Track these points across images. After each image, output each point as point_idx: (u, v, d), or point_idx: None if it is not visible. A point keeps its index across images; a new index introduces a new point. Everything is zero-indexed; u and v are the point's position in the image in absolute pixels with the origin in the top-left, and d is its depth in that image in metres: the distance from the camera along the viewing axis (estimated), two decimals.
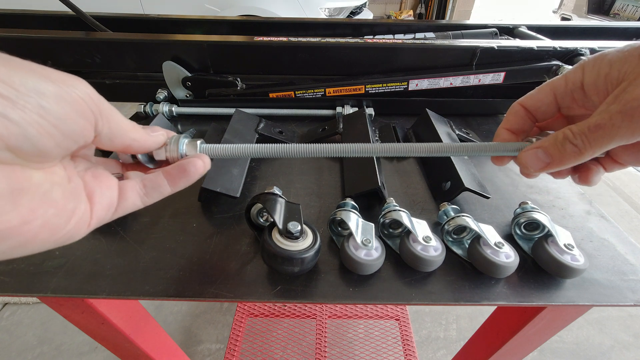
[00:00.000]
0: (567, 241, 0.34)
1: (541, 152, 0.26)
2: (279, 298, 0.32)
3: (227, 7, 2.59)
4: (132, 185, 0.24)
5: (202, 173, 0.26)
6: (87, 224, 0.21)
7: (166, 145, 0.26)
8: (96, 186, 0.22)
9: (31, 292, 0.32)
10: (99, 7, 1.02)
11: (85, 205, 0.20)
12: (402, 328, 1.02)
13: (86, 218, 0.20)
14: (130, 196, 0.24)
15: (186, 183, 0.26)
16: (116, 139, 0.22)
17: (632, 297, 0.33)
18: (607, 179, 2.06)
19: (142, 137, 0.24)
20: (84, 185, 0.21)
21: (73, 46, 0.59)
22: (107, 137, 0.21)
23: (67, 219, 0.19)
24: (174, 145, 0.27)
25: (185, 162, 0.25)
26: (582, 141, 0.24)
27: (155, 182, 0.25)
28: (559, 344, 1.18)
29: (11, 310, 1.26)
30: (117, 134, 0.22)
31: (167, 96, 0.64)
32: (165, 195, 0.25)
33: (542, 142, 0.26)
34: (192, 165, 0.25)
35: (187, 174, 0.25)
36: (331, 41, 0.59)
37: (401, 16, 4.86)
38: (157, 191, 0.25)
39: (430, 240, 0.34)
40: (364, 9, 3.16)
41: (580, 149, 0.24)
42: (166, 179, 0.25)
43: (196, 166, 0.26)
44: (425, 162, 0.53)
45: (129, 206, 0.24)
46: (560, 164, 0.26)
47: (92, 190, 0.21)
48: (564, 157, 0.25)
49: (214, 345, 1.16)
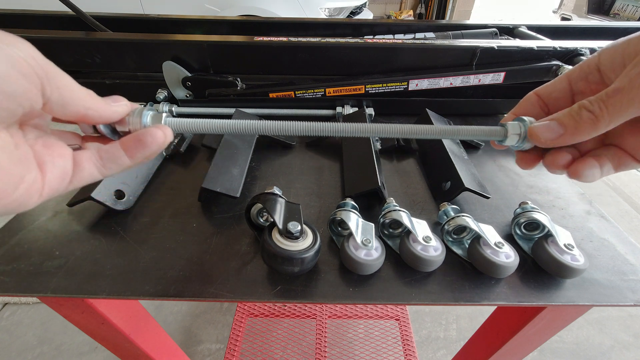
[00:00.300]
0: (567, 241, 0.34)
1: (555, 123, 0.25)
2: (279, 298, 0.32)
3: (227, 7, 2.59)
4: (88, 156, 0.23)
5: (162, 145, 0.25)
6: (38, 193, 0.20)
7: (128, 116, 0.25)
8: (47, 155, 0.21)
9: (31, 292, 0.32)
10: (99, 7, 1.02)
11: (35, 173, 0.20)
12: (402, 328, 1.02)
13: (37, 186, 0.20)
14: (86, 167, 0.23)
15: (144, 154, 0.24)
16: (70, 107, 0.21)
17: (632, 297, 0.33)
18: (607, 179, 2.05)
19: (100, 106, 0.23)
20: (34, 154, 0.20)
21: (73, 46, 0.59)
22: (58, 104, 0.20)
23: (14, 186, 0.19)
24: (137, 117, 0.25)
25: (142, 132, 0.24)
26: (599, 107, 0.22)
27: (112, 153, 0.24)
28: (559, 344, 1.18)
29: (11, 310, 1.26)
30: (70, 101, 0.21)
31: (167, 96, 0.64)
32: (124, 166, 0.24)
33: (556, 115, 0.25)
34: (150, 136, 0.24)
35: (143, 145, 0.24)
36: (331, 41, 0.59)
37: (401, 16, 4.86)
38: (115, 162, 0.24)
39: (430, 240, 0.34)
40: (364, 9, 3.16)
41: (597, 116, 0.22)
42: (123, 149, 0.24)
43: (154, 136, 0.24)
44: (425, 162, 0.53)
45: (86, 177, 0.23)
46: (574, 134, 0.24)
47: (42, 159, 0.21)
48: (579, 125, 0.23)
49: (214, 345, 1.16)
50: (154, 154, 0.25)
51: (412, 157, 0.54)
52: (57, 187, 0.21)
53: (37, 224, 0.40)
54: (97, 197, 0.38)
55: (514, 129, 0.27)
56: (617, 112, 0.22)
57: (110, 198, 0.40)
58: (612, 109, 0.22)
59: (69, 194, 0.44)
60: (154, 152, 0.25)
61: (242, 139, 0.51)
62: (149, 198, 0.44)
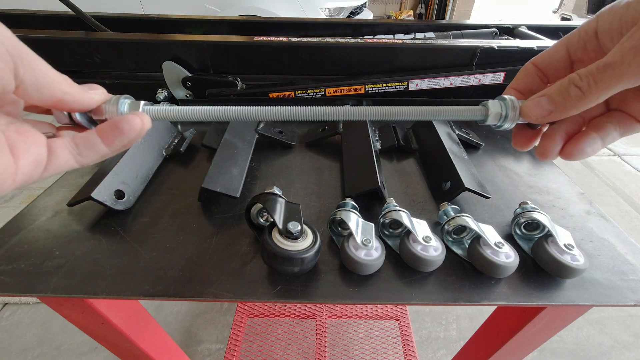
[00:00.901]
0: (567, 241, 0.34)
1: (545, 99, 0.24)
2: (279, 298, 0.32)
3: (227, 7, 2.59)
4: (63, 143, 0.22)
5: (140, 132, 0.24)
6: (11, 179, 0.20)
7: (105, 104, 0.25)
8: (20, 141, 0.20)
9: (31, 292, 0.32)
10: (99, 7, 1.02)
11: (7, 158, 0.20)
12: (402, 328, 1.02)
13: (10, 172, 0.20)
14: (62, 154, 0.22)
15: (122, 142, 0.24)
16: (44, 90, 0.20)
17: (632, 297, 0.33)
18: (607, 179, 2.06)
19: (77, 91, 0.23)
20: (6, 140, 0.20)
21: (73, 46, 0.59)
22: (33, 87, 0.20)
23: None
24: (114, 106, 0.25)
25: (119, 118, 0.24)
26: (587, 83, 0.22)
27: (88, 140, 0.23)
28: (559, 344, 1.18)
29: (11, 310, 1.26)
30: (45, 84, 0.20)
31: (167, 96, 0.64)
32: (102, 155, 0.24)
33: (548, 90, 0.25)
34: (127, 123, 0.23)
35: (120, 132, 0.23)
36: (331, 41, 0.59)
37: (401, 16, 4.86)
38: (92, 150, 0.23)
39: (430, 240, 0.34)
40: (364, 9, 3.16)
41: (584, 92, 0.22)
42: (100, 137, 0.23)
43: (131, 124, 0.23)
44: (425, 162, 0.53)
45: (62, 164, 0.22)
46: (563, 111, 0.24)
47: (15, 145, 0.20)
48: (567, 102, 0.23)
49: (214, 345, 1.16)
50: (132, 142, 0.24)
51: (412, 157, 0.54)
52: (31, 173, 0.21)
53: (37, 224, 0.40)
54: (97, 197, 0.38)
55: (494, 108, 0.27)
56: (605, 88, 0.22)
57: (110, 198, 0.40)
58: (601, 84, 0.22)
59: (69, 194, 0.44)
60: (131, 139, 0.24)
61: (242, 139, 0.51)
62: (149, 198, 0.44)
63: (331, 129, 0.56)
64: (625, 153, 2.36)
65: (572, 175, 2.09)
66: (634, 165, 2.21)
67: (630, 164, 2.23)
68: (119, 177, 0.42)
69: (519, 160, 0.54)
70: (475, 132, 0.60)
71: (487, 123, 0.28)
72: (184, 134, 0.56)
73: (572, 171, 2.14)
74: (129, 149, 0.46)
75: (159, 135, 0.53)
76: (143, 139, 0.49)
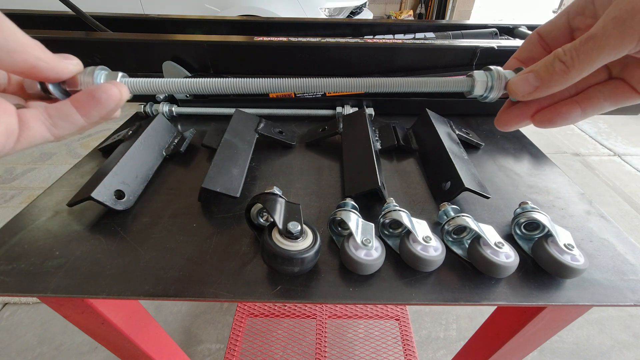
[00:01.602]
0: (567, 241, 0.34)
1: (531, 75, 0.24)
2: (279, 298, 0.32)
3: (227, 7, 2.59)
4: (35, 114, 0.21)
5: (118, 102, 0.23)
6: None
7: (80, 75, 0.24)
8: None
9: (31, 292, 0.32)
10: (99, 7, 1.02)
11: None
12: (402, 328, 1.02)
13: None
14: (34, 125, 0.21)
15: (100, 112, 0.23)
16: (17, 54, 0.20)
17: (632, 297, 0.33)
18: (607, 179, 2.06)
19: (51, 58, 0.22)
20: None
21: (73, 46, 0.59)
22: (3, 50, 0.19)
23: None
24: (89, 77, 0.24)
25: (95, 87, 0.22)
26: (570, 57, 0.22)
27: (63, 111, 0.22)
28: (559, 344, 1.18)
29: (11, 310, 1.26)
30: (17, 48, 0.19)
31: (167, 96, 0.64)
32: (79, 126, 0.23)
33: (535, 65, 0.25)
34: (104, 92, 0.22)
35: (97, 101, 0.22)
36: (331, 41, 0.59)
37: (401, 16, 4.86)
38: (67, 121, 0.22)
39: (430, 240, 0.34)
40: (364, 9, 3.16)
41: (568, 66, 0.22)
42: (74, 107, 0.22)
43: (108, 93, 0.22)
44: (425, 162, 0.53)
45: (36, 136, 0.21)
46: (548, 87, 0.24)
47: None
48: (552, 77, 0.23)
49: (214, 345, 1.16)
50: (110, 113, 0.23)
51: (412, 157, 0.54)
52: (3, 144, 0.20)
53: (37, 224, 0.40)
54: (97, 197, 0.38)
55: (480, 77, 0.27)
56: (587, 62, 0.21)
57: (110, 198, 0.40)
58: (583, 57, 0.21)
59: (69, 194, 0.44)
60: (109, 110, 0.23)
61: (242, 139, 0.51)
62: (149, 198, 0.44)
63: (331, 129, 0.56)
64: (625, 153, 2.36)
65: (572, 175, 2.09)
66: (634, 165, 2.21)
67: (630, 164, 2.23)
68: (119, 177, 0.42)
69: (519, 160, 0.54)
70: (475, 132, 0.60)
71: (474, 94, 0.28)
72: (184, 134, 0.56)
73: (572, 171, 2.14)
74: (129, 149, 0.46)
75: (159, 135, 0.53)
76: (143, 139, 0.49)
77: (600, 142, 2.49)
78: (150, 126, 0.51)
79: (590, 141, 2.51)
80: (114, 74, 0.25)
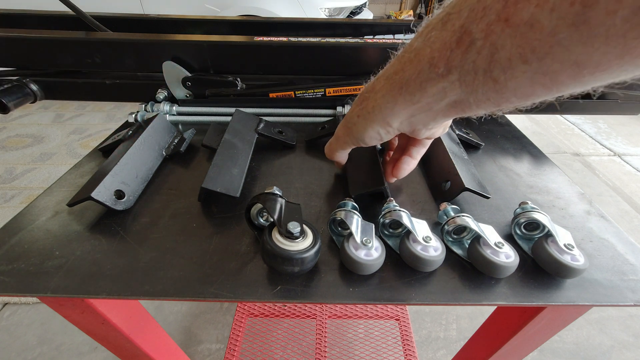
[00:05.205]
0: (567, 241, 0.34)
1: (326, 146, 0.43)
2: (279, 298, 0.32)
3: (227, 7, 2.59)
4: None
5: None
6: None
7: None
8: None
9: (31, 292, 0.32)
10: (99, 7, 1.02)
11: None
12: (402, 328, 1.02)
13: None
14: None
15: None
16: None
17: (632, 297, 0.33)
18: (607, 179, 2.06)
19: None
20: None
21: (73, 46, 0.59)
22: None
23: None
24: None
25: None
26: (329, 144, 0.42)
27: None
28: (559, 344, 1.18)
29: (11, 310, 1.26)
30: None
31: (167, 96, 0.64)
32: None
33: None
34: None
35: None
36: (331, 41, 0.59)
37: (401, 16, 4.86)
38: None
39: (430, 240, 0.34)
40: (364, 9, 3.16)
41: (330, 150, 0.42)
42: None
43: None
44: (425, 162, 0.53)
45: None
46: (328, 156, 0.44)
47: None
48: (327, 153, 0.43)
49: (214, 345, 1.16)
50: None
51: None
52: None
53: (37, 224, 0.40)
54: (97, 197, 0.38)
55: None
56: (334, 149, 0.42)
57: (110, 198, 0.40)
58: (333, 147, 0.42)
59: (69, 194, 0.44)
60: None
61: (242, 139, 0.51)
62: (149, 198, 0.44)
63: (331, 128, 0.56)
64: (625, 153, 2.36)
65: (572, 175, 2.09)
66: (634, 165, 2.21)
67: (630, 164, 2.24)
68: (119, 177, 0.42)
69: (519, 160, 0.54)
70: (475, 132, 0.60)
71: None
72: (184, 134, 0.56)
73: (572, 171, 2.14)
74: (129, 149, 0.46)
75: (159, 135, 0.53)
76: (143, 138, 0.49)
77: (600, 142, 2.50)
78: (150, 126, 0.51)
79: (590, 141, 2.51)
80: None
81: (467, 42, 0.21)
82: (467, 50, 0.22)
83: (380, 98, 0.30)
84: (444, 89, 0.25)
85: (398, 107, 0.29)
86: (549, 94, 0.21)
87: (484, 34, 0.20)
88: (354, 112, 0.34)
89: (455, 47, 0.22)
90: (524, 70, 0.20)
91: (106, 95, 0.66)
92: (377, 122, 0.32)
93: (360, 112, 0.33)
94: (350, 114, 0.35)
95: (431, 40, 0.24)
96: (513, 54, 0.19)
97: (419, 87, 0.26)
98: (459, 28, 0.22)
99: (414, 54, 0.26)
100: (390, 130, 0.32)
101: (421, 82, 0.26)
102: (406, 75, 0.27)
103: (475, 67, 0.22)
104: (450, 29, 0.22)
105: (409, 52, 0.27)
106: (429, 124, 0.31)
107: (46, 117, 2.70)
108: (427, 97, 0.26)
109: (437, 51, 0.23)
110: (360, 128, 0.34)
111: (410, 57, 0.26)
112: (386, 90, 0.29)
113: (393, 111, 0.29)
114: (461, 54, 0.22)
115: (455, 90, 0.24)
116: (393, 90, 0.28)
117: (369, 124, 0.32)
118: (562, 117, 2.83)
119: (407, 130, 0.32)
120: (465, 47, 0.22)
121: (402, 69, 0.27)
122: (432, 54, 0.24)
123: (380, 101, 0.30)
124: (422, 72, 0.25)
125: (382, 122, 0.31)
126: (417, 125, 0.31)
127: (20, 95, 0.60)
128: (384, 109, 0.30)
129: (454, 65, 0.23)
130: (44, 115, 2.74)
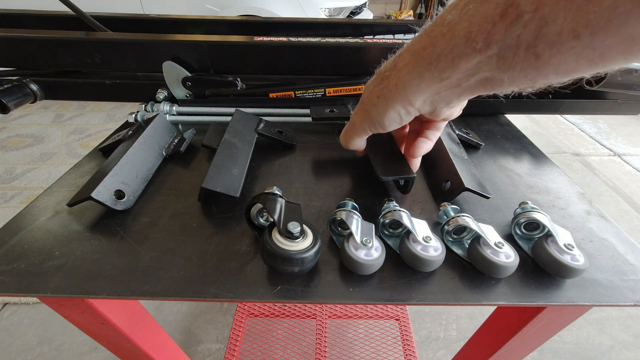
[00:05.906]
0: (567, 241, 0.34)
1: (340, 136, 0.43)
2: (279, 298, 0.32)
3: (227, 7, 2.59)
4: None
5: None
6: None
7: None
8: None
9: (31, 292, 0.32)
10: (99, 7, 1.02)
11: None
12: (402, 328, 1.02)
13: None
14: None
15: None
16: None
17: (632, 297, 0.33)
18: (607, 179, 2.06)
19: None
20: None
21: (73, 46, 0.59)
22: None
23: None
24: None
25: None
26: (344, 132, 0.42)
27: None
28: (559, 344, 1.18)
29: (11, 310, 1.26)
30: None
31: (167, 96, 0.64)
32: None
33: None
34: None
35: None
36: (331, 41, 0.59)
37: (401, 16, 4.86)
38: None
39: (430, 240, 0.34)
40: (364, 9, 3.16)
41: (345, 138, 0.42)
42: None
43: None
44: (425, 162, 0.53)
45: None
46: (344, 145, 0.43)
47: None
48: (342, 142, 0.43)
49: (214, 345, 1.16)
50: None
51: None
52: None
53: (37, 224, 0.40)
54: (97, 197, 0.38)
55: None
56: (349, 137, 0.41)
57: (110, 198, 0.40)
58: (348, 133, 0.41)
59: (69, 194, 0.44)
60: None
61: (242, 139, 0.51)
62: (149, 198, 0.44)
63: (340, 113, 0.56)
64: (625, 153, 2.36)
65: (572, 175, 2.09)
66: (634, 165, 2.21)
67: (630, 164, 2.24)
68: (119, 177, 0.42)
69: (519, 160, 0.54)
70: (475, 132, 0.60)
71: None
72: (184, 134, 0.56)
73: (572, 171, 2.14)
74: (129, 149, 0.46)
75: (159, 135, 0.53)
76: (143, 138, 0.49)
77: (600, 142, 2.50)
78: (150, 126, 0.51)
79: (590, 141, 2.52)
80: None
81: (514, 15, 0.20)
82: (512, 24, 0.20)
83: (406, 75, 0.28)
84: (478, 64, 0.23)
85: (424, 84, 0.27)
86: (592, 70, 0.20)
87: (534, 7, 0.19)
88: (373, 93, 0.32)
89: (499, 21, 0.21)
90: (572, 46, 0.18)
91: (106, 95, 0.66)
92: (398, 101, 0.30)
93: (381, 92, 0.31)
94: (369, 95, 0.33)
95: (469, 13, 0.22)
96: (564, 28, 0.18)
97: (451, 63, 0.25)
98: (504, 0, 0.20)
99: (447, 28, 0.24)
100: (411, 110, 0.31)
101: (454, 57, 0.24)
102: (437, 50, 0.25)
103: (519, 42, 0.20)
104: (494, 1, 0.21)
105: (440, 26, 0.25)
106: (452, 102, 0.29)
107: (46, 117, 2.70)
108: (458, 74, 0.25)
109: (477, 25, 0.22)
110: (381, 109, 0.32)
111: (443, 32, 0.25)
112: (412, 66, 0.27)
113: (419, 88, 0.28)
114: (505, 28, 0.21)
115: (490, 66, 0.23)
116: (420, 66, 0.27)
117: (390, 103, 0.31)
118: (562, 117, 2.84)
119: (427, 110, 0.31)
120: (510, 21, 0.20)
121: (432, 44, 0.25)
122: (470, 27, 0.22)
123: (405, 77, 0.28)
124: (456, 47, 0.24)
125: (405, 100, 0.30)
126: (439, 103, 0.29)
127: (20, 95, 0.60)
128: (408, 86, 0.28)
129: (495, 39, 0.21)
130: (44, 115, 2.74)
